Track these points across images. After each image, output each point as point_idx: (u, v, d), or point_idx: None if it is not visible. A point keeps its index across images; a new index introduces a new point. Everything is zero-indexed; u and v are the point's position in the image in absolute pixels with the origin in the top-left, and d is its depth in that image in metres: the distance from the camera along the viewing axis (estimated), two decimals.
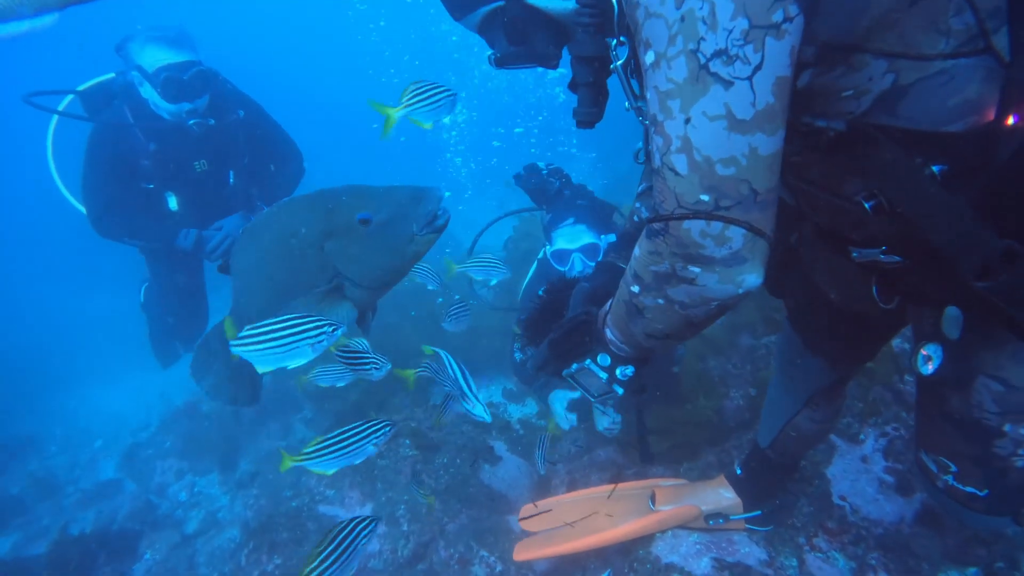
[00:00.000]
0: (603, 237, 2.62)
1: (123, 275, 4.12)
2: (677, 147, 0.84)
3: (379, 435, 1.60)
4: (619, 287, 1.09)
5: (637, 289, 1.01)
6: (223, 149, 3.15)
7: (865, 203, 0.94)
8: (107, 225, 3.04)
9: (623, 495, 2.24)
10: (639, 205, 1.57)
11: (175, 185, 3.12)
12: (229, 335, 1.53)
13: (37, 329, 8.00)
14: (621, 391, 1.23)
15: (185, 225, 3.06)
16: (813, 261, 1.42)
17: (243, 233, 1.72)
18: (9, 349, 7.16)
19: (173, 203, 3.13)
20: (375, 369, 1.81)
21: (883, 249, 1.04)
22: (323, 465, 1.59)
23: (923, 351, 1.15)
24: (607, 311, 1.17)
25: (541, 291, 1.45)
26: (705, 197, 0.84)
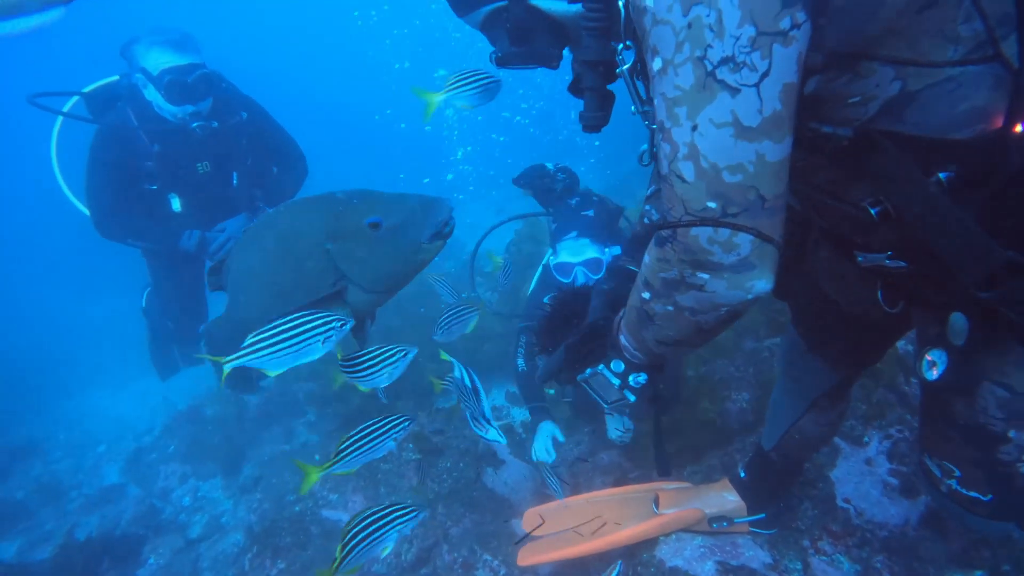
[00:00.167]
0: (607, 251, 2.63)
1: (126, 279, 4.14)
2: (684, 154, 0.84)
3: (398, 430, 1.61)
4: (631, 293, 1.09)
5: (647, 296, 1.01)
6: (226, 151, 3.16)
7: (871, 209, 0.94)
8: (110, 227, 3.05)
9: (627, 498, 2.23)
10: (649, 207, 1.57)
11: (178, 187, 3.13)
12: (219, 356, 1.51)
13: (41, 333, 8.01)
14: (633, 398, 1.23)
15: (188, 227, 3.07)
16: (818, 264, 1.42)
17: (245, 233, 1.71)
18: (13, 353, 7.17)
19: (176, 205, 3.14)
20: (402, 357, 1.68)
21: (888, 254, 1.04)
22: (347, 465, 1.60)
23: (928, 356, 1.14)
24: (621, 317, 1.18)
25: (547, 299, 1.46)
26: (712, 204, 0.84)
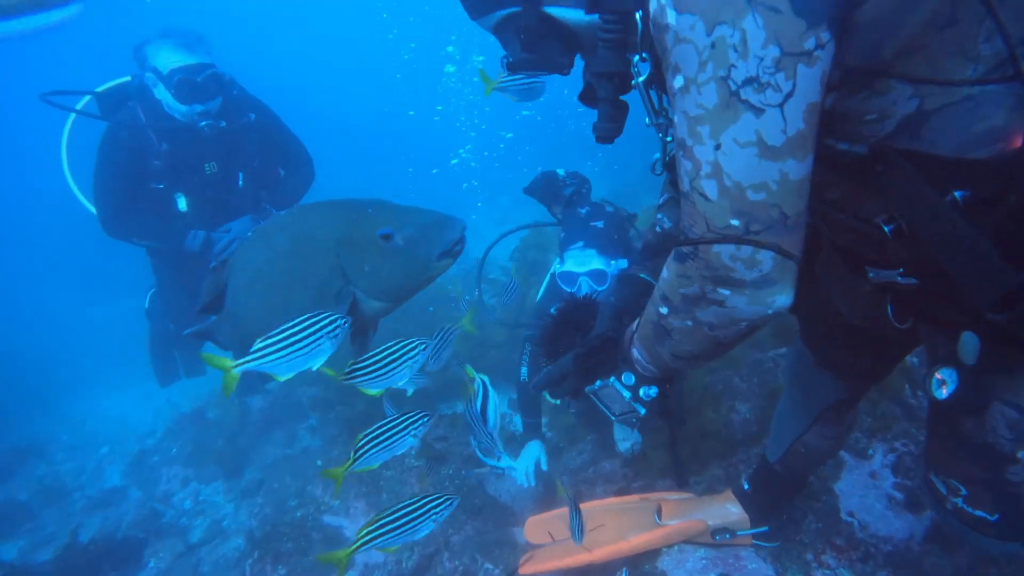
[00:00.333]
0: (613, 263, 2.63)
1: (131, 280, 4.16)
2: (707, 172, 0.84)
3: (418, 426, 1.59)
4: (647, 307, 1.09)
5: (665, 311, 1.01)
6: (233, 151, 3.18)
7: (885, 226, 0.94)
8: (116, 225, 3.07)
9: (629, 508, 2.22)
10: (661, 216, 1.57)
11: (185, 186, 3.15)
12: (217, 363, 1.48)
13: (45, 334, 8.06)
14: (643, 411, 1.23)
15: (194, 227, 3.08)
16: (828, 278, 1.41)
17: (254, 233, 1.71)
18: (17, 353, 7.21)
19: (182, 204, 3.15)
20: (422, 351, 1.60)
21: (900, 271, 1.03)
22: (368, 462, 1.59)
23: (937, 375, 1.14)
24: (634, 330, 1.17)
25: (553, 309, 1.46)
26: (735, 222, 0.85)
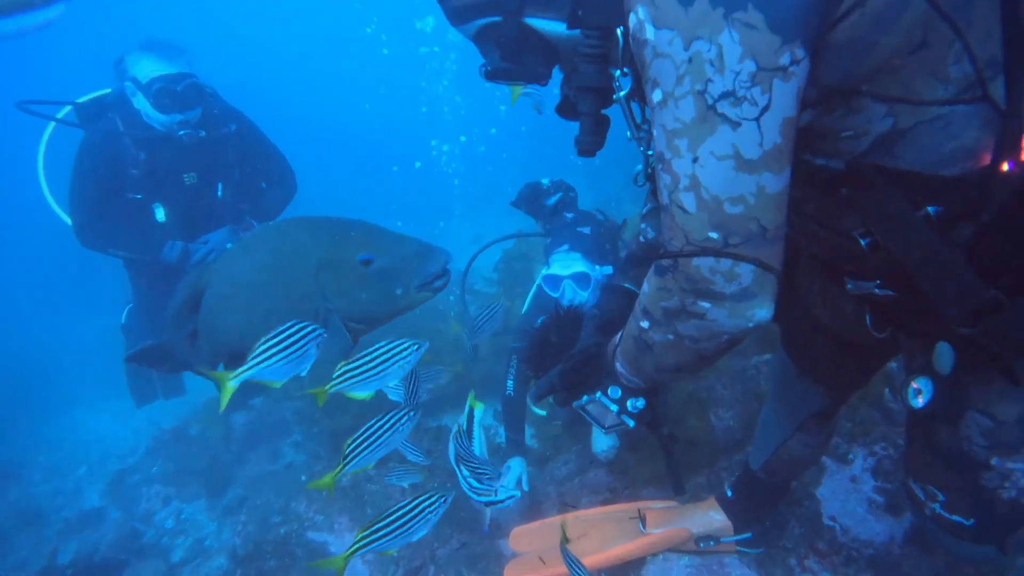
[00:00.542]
0: (597, 268, 2.65)
1: (109, 296, 4.10)
2: (685, 185, 0.85)
3: (404, 421, 1.53)
4: (628, 322, 1.10)
5: (647, 324, 1.01)
6: (213, 162, 3.16)
7: (861, 240, 0.95)
8: (91, 235, 3.02)
9: (613, 517, 2.22)
10: (645, 226, 1.58)
11: (163, 197, 3.11)
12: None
13: (21, 352, 7.88)
14: (632, 423, 1.24)
15: (171, 237, 3.04)
16: (808, 288, 1.43)
17: (237, 243, 1.70)
18: None
19: (160, 215, 3.11)
20: (415, 351, 1.54)
21: (877, 283, 1.05)
22: (361, 463, 1.53)
23: (914, 384, 1.16)
24: (617, 344, 1.17)
25: (539, 320, 1.46)
26: (714, 235, 0.86)
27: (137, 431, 5.17)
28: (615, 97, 1.10)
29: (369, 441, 1.53)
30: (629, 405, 1.21)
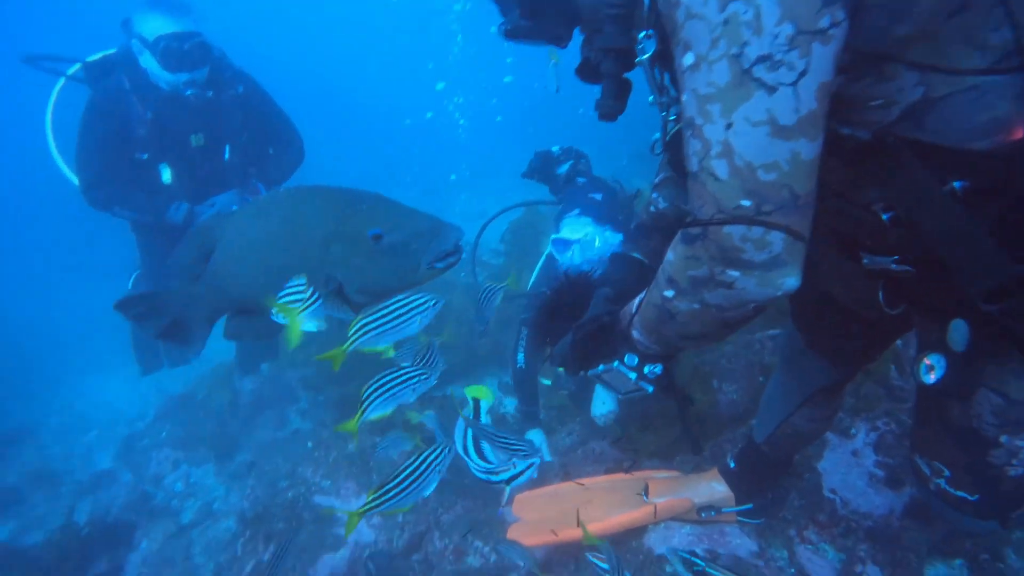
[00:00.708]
0: (607, 233, 2.63)
1: (117, 263, 4.12)
2: (717, 152, 0.83)
3: (419, 380, 1.53)
4: (649, 291, 1.08)
5: (671, 293, 1.00)
6: (220, 124, 3.13)
7: (883, 214, 0.94)
8: (98, 194, 3.02)
9: (617, 486, 2.26)
10: (656, 195, 1.56)
11: (170, 157, 3.10)
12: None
13: (31, 318, 7.98)
14: (651, 389, 1.24)
15: (178, 199, 3.04)
16: (820, 262, 1.42)
17: (248, 206, 1.68)
18: (4, 338, 7.13)
19: (167, 176, 3.10)
20: (432, 306, 1.53)
21: (895, 259, 1.04)
22: (377, 410, 1.53)
23: (926, 360, 1.15)
24: (633, 313, 1.16)
25: (548, 289, 1.46)
26: (746, 202, 0.84)
27: (145, 396, 5.26)
28: (638, 60, 1.07)
29: (386, 388, 1.54)
30: (647, 371, 1.21)
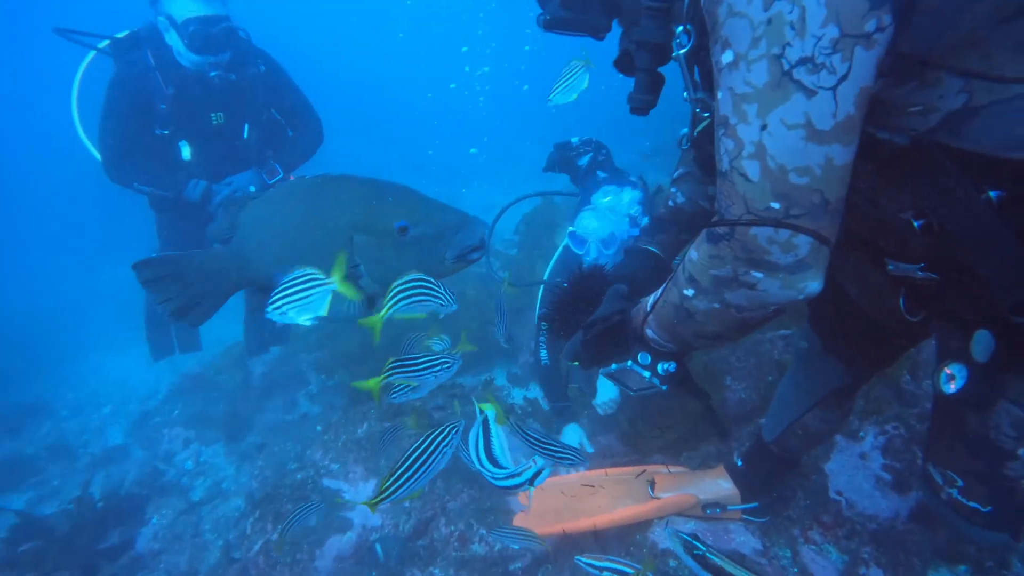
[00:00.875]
0: (625, 228, 2.62)
1: (133, 242, 4.17)
2: (750, 153, 0.83)
3: (443, 368, 1.57)
4: (667, 290, 1.08)
5: (691, 292, 0.99)
6: (241, 102, 3.17)
7: (914, 221, 0.93)
8: (119, 169, 3.06)
9: (624, 480, 2.28)
10: (675, 190, 1.56)
11: (189, 134, 3.14)
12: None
13: (48, 295, 8.09)
14: (665, 387, 1.24)
15: (196, 177, 3.07)
16: (842, 266, 1.40)
17: (272, 191, 1.68)
18: (21, 314, 7.25)
19: (186, 153, 3.15)
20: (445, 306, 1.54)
21: (921, 266, 1.03)
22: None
23: (947, 370, 1.14)
24: (648, 312, 1.16)
25: (565, 284, 1.46)
26: (776, 205, 0.83)
27: (158, 375, 5.33)
28: (674, 55, 1.06)
29: (410, 368, 1.58)
30: (660, 369, 1.21)
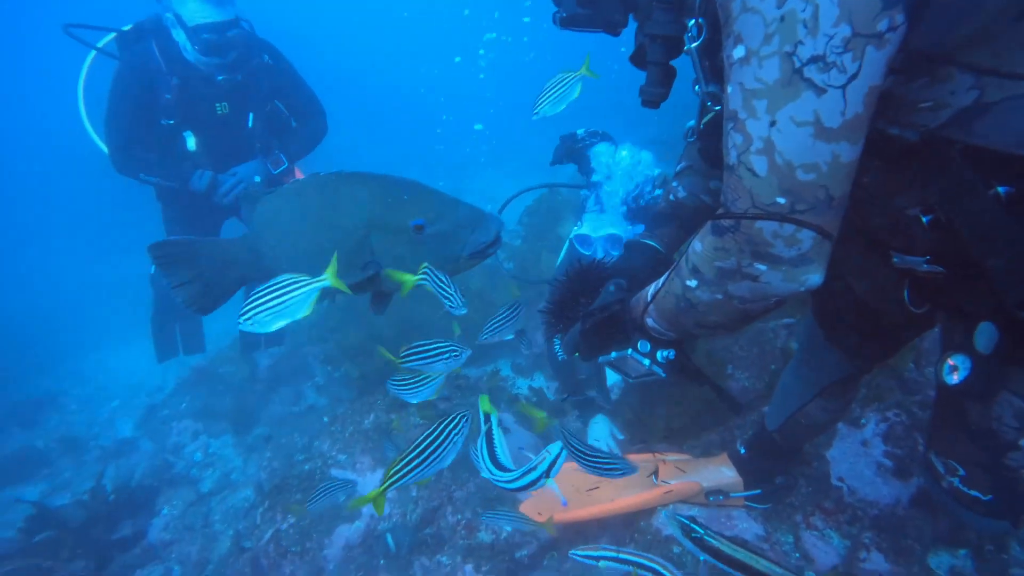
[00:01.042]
0: (629, 228, 2.63)
1: (141, 238, 4.20)
2: (758, 148, 0.84)
3: (452, 356, 1.60)
4: (670, 280, 1.09)
5: (694, 283, 1.01)
6: (245, 93, 3.19)
7: (923, 216, 0.94)
8: (125, 159, 3.09)
9: None
10: (676, 184, 1.56)
11: (194, 124, 3.17)
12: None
13: (56, 291, 8.14)
14: (664, 374, 1.26)
15: (201, 167, 3.10)
16: (845, 257, 1.42)
17: (285, 187, 1.68)
18: (30, 310, 7.30)
19: (191, 143, 3.18)
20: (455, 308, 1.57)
21: (926, 259, 1.04)
22: (411, 364, 1.60)
23: (950, 361, 1.15)
24: (649, 301, 1.17)
25: (564, 277, 1.47)
26: (781, 200, 0.85)
27: (165, 368, 5.35)
28: (686, 49, 1.06)
29: (422, 353, 1.60)
30: (659, 356, 1.23)
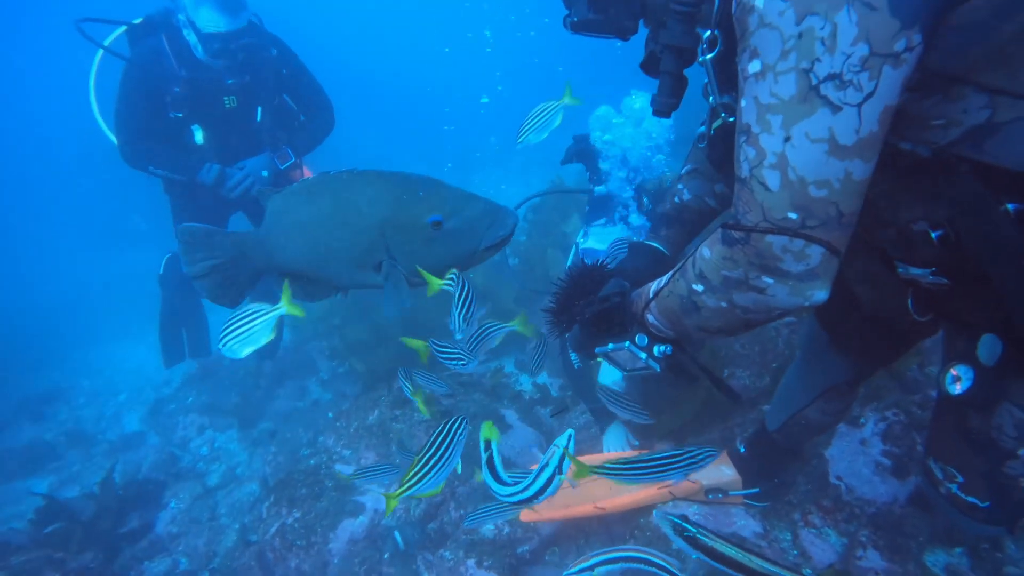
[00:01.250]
0: (634, 238, 2.64)
1: (148, 233, 4.24)
2: (771, 163, 0.84)
3: (461, 364, 1.70)
4: (675, 281, 1.10)
5: (700, 288, 1.02)
6: (253, 86, 3.23)
7: (932, 232, 0.95)
8: (134, 152, 3.13)
9: None
10: (681, 187, 1.57)
11: (202, 118, 3.20)
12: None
13: (64, 286, 8.20)
14: (659, 368, 1.26)
15: (209, 160, 3.14)
16: (851, 265, 1.42)
17: (297, 185, 1.67)
18: (38, 305, 7.37)
19: (199, 136, 3.21)
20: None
21: (932, 270, 1.05)
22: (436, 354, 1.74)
23: (953, 371, 1.17)
24: (651, 298, 1.18)
25: (567, 277, 1.48)
26: (793, 215, 0.85)
27: None
28: (700, 60, 1.07)
29: (441, 350, 1.67)
30: (657, 351, 1.24)
